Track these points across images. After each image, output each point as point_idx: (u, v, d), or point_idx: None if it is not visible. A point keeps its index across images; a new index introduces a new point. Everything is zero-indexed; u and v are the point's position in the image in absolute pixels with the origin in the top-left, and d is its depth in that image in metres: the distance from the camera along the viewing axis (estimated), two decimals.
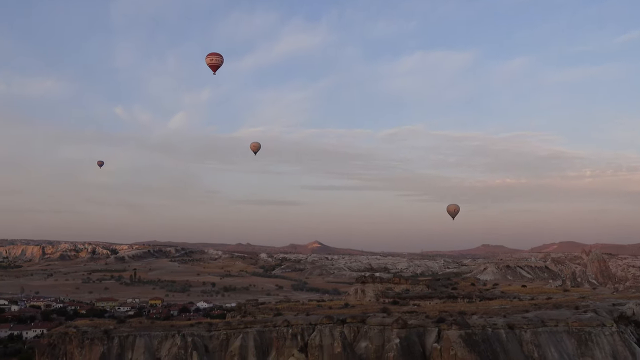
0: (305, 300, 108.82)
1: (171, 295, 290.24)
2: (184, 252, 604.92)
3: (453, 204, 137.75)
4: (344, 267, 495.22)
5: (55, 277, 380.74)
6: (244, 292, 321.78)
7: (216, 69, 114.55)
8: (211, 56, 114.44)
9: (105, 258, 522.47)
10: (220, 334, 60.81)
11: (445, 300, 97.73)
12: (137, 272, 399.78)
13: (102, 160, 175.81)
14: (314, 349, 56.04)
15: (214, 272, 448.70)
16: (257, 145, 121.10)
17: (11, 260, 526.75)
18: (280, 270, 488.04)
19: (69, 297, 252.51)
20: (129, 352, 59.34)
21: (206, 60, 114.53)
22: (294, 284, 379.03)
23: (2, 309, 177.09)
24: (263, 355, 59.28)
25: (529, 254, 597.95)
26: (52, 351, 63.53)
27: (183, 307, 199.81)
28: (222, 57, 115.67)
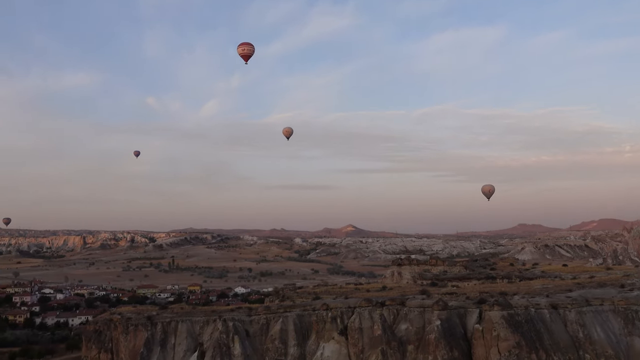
0: (342, 284, 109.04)
1: (209, 281, 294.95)
2: (219, 238, 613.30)
3: (488, 185, 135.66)
4: (378, 250, 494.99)
5: (97, 265, 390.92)
6: (280, 276, 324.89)
7: (248, 58, 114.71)
8: (243, 46, 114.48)
9: (143, 246, 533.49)
10: (260, 319, 61.28)
11: (484, 281, 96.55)
12: (175, 259, 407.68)
13: (138, 150, 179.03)
14: (354, 332, 56.05)
15: (249, 257, 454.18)
16: (289, 131, 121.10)
17: (54, 250, 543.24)
18: (315, 255, 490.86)
19: (111, 285, 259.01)
20: (172, 337, 60.40)
21: (238, 50, 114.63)
22: (330, 268, 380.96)
23: (48, 298, 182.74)
24: (303, 338, 59.56)
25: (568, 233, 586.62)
26: (98, 337, 65.20)
27: (221, 293, 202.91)
28: (253, 47, 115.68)
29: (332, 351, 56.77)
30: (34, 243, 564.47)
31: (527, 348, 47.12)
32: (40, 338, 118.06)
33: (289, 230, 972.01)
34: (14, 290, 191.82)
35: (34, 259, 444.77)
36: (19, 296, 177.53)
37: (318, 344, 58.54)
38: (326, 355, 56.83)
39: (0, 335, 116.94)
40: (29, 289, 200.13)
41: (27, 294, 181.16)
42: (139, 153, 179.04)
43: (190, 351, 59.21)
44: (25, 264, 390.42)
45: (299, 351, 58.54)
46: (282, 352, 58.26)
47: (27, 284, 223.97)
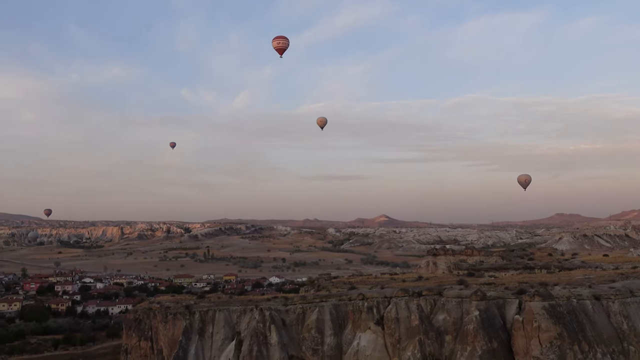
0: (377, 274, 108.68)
1: (244, 270, 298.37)
2: (253, 229, 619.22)
3: (524, 174, 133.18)
4: (412, 240, 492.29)
5: (134, 255, 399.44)
6: (314, 266, 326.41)
7: (282, 52, 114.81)
8: (278, 39, 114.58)
9: (179, 237, 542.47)
10: (297, 308, 61.45)
11: (522, 272, 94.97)
12: (210, 249, 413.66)
13: (174, 142, 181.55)
14: (391, 322, 55.68)
15: (283, 247, 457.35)
16: (323, 120, 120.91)
17: (93, 240, 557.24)
18: (349, 245, 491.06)
19: (149, 274, 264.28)
20: (209, 326, 61.09)
21: (273, 43, 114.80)
22: (363, 258, 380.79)
23: (89, 287, 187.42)
24: (339, 328, 59.52)
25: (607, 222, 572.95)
26: (138, 326, 66.48)
27: (256, 283, 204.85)
28: (288, 40, 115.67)
29: (369, 341, 56.58)
30: (73, 234, 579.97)
31: (569, 339, 46.04)
32: (82, 326, 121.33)
33: (322, 220, 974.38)
34: (56, 280, 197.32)
35: (74, 249, 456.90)
36: (61, 285, 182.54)
37: (354, 334, 58.44)
38: (362, 345, 56.68)
39: (44, 323, 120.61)
40: (70, 278, 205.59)
41: (68, 283, 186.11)
42: (175, 144, 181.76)
43: (228, 340, 59.81)
44: (65, 254, 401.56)
45: (335, 341, 58.55)
46: (319, 342, 58.38)
47: (68, 273, 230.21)
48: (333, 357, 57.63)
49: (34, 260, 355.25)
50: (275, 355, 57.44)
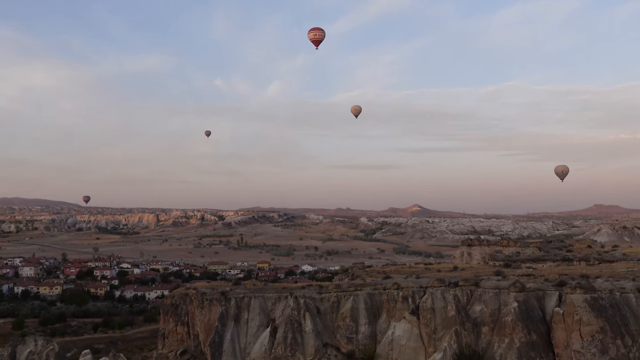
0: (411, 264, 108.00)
1: (276, 258, 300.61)
2: (286, 217, 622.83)
3: (562, 165, 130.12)
4: (445, 230, 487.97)
5: (170, 242, 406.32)
6: (346, 255, 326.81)
7: (318, 43, 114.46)
8: (314, 31, 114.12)
9: (213, 224, 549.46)
10: (331, 296, 61.44)
11: (560, 263, 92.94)
12: (243, 237, 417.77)
13: (209, 130, 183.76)
14: (426, 312, 55.18)
15: (316, 236, 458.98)
16: (357, 109, 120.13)
17: (130, 227, 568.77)
18: (381, 234, 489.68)
19: (183, 261, 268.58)
20: (244, 313, 61.57)
21: (309, 35, 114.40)
22: (396, 248, 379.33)
23: (126, 272, 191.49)
24: (374, 317, 59.32)
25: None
26: (175, 311, 67.52)
27: (289, 270, 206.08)
28: (324, 32, 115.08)
29: (404, 330, 56.23)
30: (111, 220, 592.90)
31: (611, 333, 44.85)
32: (120, 310, 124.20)
33: (354, 209, 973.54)
34: (94, 265, 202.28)
35: (112, 235, 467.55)
36: (100, 270, 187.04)
37: (389, 323, 58.17)
38: (397, 335, 56.37)
39: (84, 306, 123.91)
40: (109, 263, 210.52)
41: (106, 268, 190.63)
42: (210, 133, 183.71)
43: (262, 327, 60.22)
44: (103, 240, 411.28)
45: (369, 330, 58.41)
46: (353, 330, 58.32)
47: (106, 258, 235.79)
48: (367, 345, 57.54)
49: (73, 246, 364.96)
50: (310, 343, 57.65)
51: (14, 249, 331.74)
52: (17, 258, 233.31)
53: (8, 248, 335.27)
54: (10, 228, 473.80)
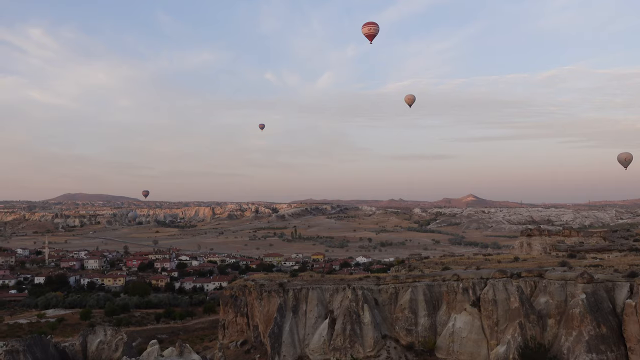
0: (470, 254, 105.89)
1: (330, 250, 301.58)
2: (339, 209, 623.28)
3: (625, 153, 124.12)
4: (502, 221, 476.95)
5: (225, 235, 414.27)
6: (400, 247, 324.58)
7: (372, 38, 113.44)
8: (368, 25, 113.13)
9: (267, 217, 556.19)
10: (389, 288, 60.95)
11: (627, 253, 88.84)
12: (297, 229, 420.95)
13: (263, 123, 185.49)
14: (488, 304, 53.93)
15: (369, 227, 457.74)
16: (411, 98, 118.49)
17: (187, 220, 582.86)
18: (436, 225, 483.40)
19: (240, 253, 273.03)
20: (303, 304, 61.90)
21: (363, 30, 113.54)
22: (451, 239, 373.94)
23: (185, 264, 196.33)
24: (433, 309, 58.48)
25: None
26: (234, 302, 68.70)
27: (344, 262, 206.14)
28: (378, 26, 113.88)
29: (465, 322, 55.19)
30: (169, 214, 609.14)
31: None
32: (180, 301, 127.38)
33: (407, 200, 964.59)
34: (155, 257, 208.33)
35: (170, 229, 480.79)
36: (160, 262, 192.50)
37: (449, 315, 57.21)
38: (458, 327, 55.38)
39: (146, 297, 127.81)
40: (168, 256, 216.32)
41: (166, 261, 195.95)
42: (264, 126, 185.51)
43: (321, 318, 60.39)
44: (162, 233, 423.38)
45: (429, 321, 57.63)
46: (412, 322, 57.68)
47: (165, 251, 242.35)
48: (427, 337, 56.80)
49: (134, 239, 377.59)
50: (369, 335, 57.42)
51: (79, 242, 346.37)
52: (82, 251, 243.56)
53: (74, 241, 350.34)
54: (75, 222, 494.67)
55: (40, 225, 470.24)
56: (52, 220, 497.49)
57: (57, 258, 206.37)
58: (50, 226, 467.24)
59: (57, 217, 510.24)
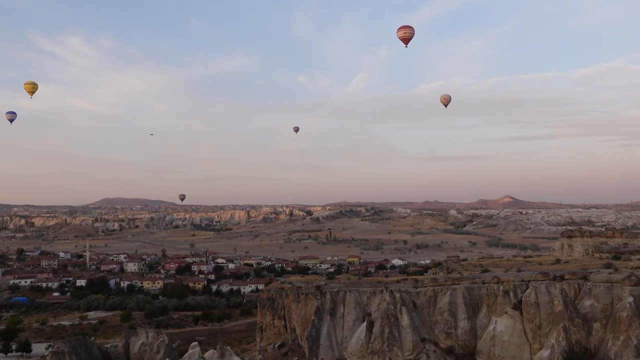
0: (509, 256, 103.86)
1: (365, 253, 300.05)
2: (373, 211, 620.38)
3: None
4: (541, 222, 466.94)
5: (261, 237, 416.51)
6: (436, 249, 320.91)
7: (408, 41, 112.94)
8: (404, 29, 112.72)
9: (301, 219, 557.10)
10: (427, 291, 60.23)
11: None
12: (332, 231, 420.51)
13: (297, 126, 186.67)
14: (530, 307, 52.78)
15: (404, 230, 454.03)
16: (447, 98, 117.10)
17: (222, 223, 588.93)
18: (472, 227, 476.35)
19: (275, 256, 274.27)
20: (340, 307, 61.67)
21: (398, 33, 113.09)
22: (488, 240, 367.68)
23: (222, 267, 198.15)
24: (473, 312, 57.55)
25: None
26: (271, 304, 68.84)
27: (379, 264, 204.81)
28: (413, 30, 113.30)
29: (506, 326, 54.11)
30: (205, 217, 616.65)
31: None
32: (217, 304, 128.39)
33: (442, 202, 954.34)
34: (192, 260, 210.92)
35: (206, 232, 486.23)
36: (197, 265, 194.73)
37: (490, 318, 56.20)
38: (499, 330, 54.31)
39: (184, 300, 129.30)
40: (205, 259, 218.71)
41: (203, 263, 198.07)
42: (299, 129, 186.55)
43: (359, 321, 60.03)
44: (199, 236, 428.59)
45: (469, 325, 56.71)
46: (452, 325, 56.84)
47: (202, 254, 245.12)
48: (467, 341, 55.87)
49: (171, 242, 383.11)
50: (407, 338, 56.79)
51: (119, 245, 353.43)
52: (122, 254, 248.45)
53: (113, 245, 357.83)
54: (114, 226, 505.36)
55: (81, 229, 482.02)
56: (92, 224, 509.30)
57: (98, 261, 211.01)
58: (91, 230, 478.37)
59: (97, 221, 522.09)
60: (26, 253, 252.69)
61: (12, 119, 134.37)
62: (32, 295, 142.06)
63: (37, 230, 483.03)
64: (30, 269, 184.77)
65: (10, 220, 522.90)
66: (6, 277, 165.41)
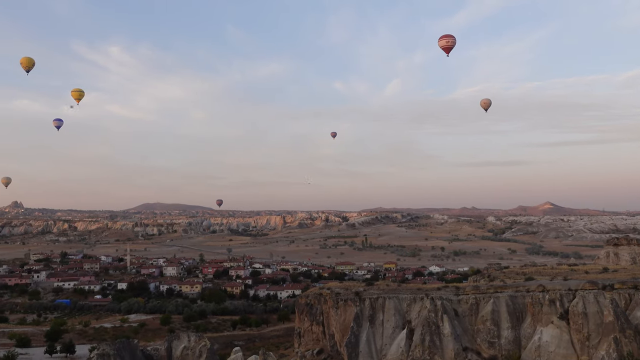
0: (552, 264, 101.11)
1: (402, 259, 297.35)
2: (409, 217, 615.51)
3: None
4: (583, 229, 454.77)
5: (296, 243, 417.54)
6: (474, 256, 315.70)
7: (449, 50, 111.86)
8: (446, 38, 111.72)
9: (337, 225, 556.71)
10: (469, 298, 59.00)
11: None
12: (368, 237, 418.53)
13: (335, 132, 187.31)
14: (577, 317, 51.10)
15: (441, 236, 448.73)
16: (487, 102, 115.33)
17: (259, 229, 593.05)
18: (511, 234, 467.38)
19: (311, 261, 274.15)
20: (379, 314, 60.90)
21: (440, 43, 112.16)
22: (528, 248, 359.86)
23: (259, 272, 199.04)
24: (517, 321, 56.09)
25: None
26: (310, 310, 68.47)
27: (417, 271, 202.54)
28: (455, 39, 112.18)
29: (552, 336, 52.50)
30: (241, 222, 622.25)
31: None
32: (254, 308, 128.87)
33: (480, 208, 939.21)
34: (229, 265, 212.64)
35: (243, 237, 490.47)
36: (234, 270, 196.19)
37: (534, 328, 54.66)
38: (545, 340, 52.74)
39: (222, 304, 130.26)
40: (242, 263, 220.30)
41: (240, 268, 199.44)
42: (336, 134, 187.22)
43: (398, 328, 59.16)
44: (235, 242, 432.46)
45: (513, 334, 55.29)
46: (495, 335, 55.49)
47: (239, 259, 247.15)
48: (511, 351, 54.45)
49: (208, 247, 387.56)
50: (449, 346, 55.66)
51: (157, 250, 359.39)
52: (161, 258, 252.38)
53: (152, 249, 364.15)
54: (154, 231, 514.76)
55: (122, 233, 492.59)
56: (132, 228, 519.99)
57: (138, 265, 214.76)
58: (131, 234, 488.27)
59: (136, 226, 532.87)
60: (69, 256, 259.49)
61: (58, 126, 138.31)
62: (75, 298, 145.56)
63: (80, 234, 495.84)
64: (74, 272, 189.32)
65: (54, 224, 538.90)
66: (50, 280, 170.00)
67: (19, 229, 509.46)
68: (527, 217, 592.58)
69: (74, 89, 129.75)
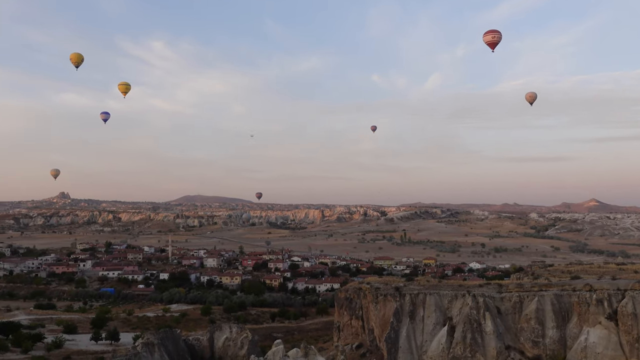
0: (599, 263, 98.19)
1: (441, 255, 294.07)
2: (449, 213, 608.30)
3: None
4: (630, 227, 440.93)
5: (335, 237, 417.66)
6: (516, 253, 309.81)
7: (495, 46, 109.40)
8: (491, 33, 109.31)
9: (375, 220, 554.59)
10: (512, 296, 57.77)
11: None
12: (407, 232, 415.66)
13: (375, 125, 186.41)
14: (626, 318, 49.50)
15: (481, 232, 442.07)
16: (533, 96, 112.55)
17: (297, 222, 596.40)
18: (555, 231, 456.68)
19: (349, 256, 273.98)
20: (420, 310, 60.25)
21: (485, 38, 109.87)
22: (572, 246, 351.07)
23: (297, 265, 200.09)
24: (563, 320, 54.63)
25: None
26: (349, 304, 68.38)
27: (457, 268, 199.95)
28: (500, 34, 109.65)
29: (599, 337, 51.01)
30: (280, 216, 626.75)
31: None
32: (293, 301, 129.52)
33: (522, 204, 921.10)
34: (268, 257, 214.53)
35: (281, 230, 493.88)
36: (273, 263, 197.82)
37: (581, 328, 53.18)
38: (592, 341, 51.28)
39: (261, 296, 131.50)
40: (281, 256, 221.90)
41: (279, 261, 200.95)
42: (376, 128, 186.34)
43: (439, 325, 58.45)
44: (274, 234, 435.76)
45: (558, 334, 53.92)
46: (539, 334, 54.23)
47: (278, 252, 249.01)
48: (556, 351, 53.14)
49: (247, 239, 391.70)
50: (491, 345, 54.72)
51: (198, 241, 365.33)
52: (202, 250, 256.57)
53: (193, 241, 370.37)
54: (194, 223, 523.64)
55: (163, 225, 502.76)
56: (173, 220, 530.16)
57: (179, 256, 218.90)
58: (172, 226, 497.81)
59: (178, 218, 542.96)
60: (114, 246, 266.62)
61: (105, 119, 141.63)
62: (119, 287, 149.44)
63: (124, 225, 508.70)
64: (118, 261, 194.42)
65: (99, 215, 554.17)
66: (96, 269, 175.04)
67: (66, 219, 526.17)
68: (571, 214, 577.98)
69: (120, 83, 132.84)
